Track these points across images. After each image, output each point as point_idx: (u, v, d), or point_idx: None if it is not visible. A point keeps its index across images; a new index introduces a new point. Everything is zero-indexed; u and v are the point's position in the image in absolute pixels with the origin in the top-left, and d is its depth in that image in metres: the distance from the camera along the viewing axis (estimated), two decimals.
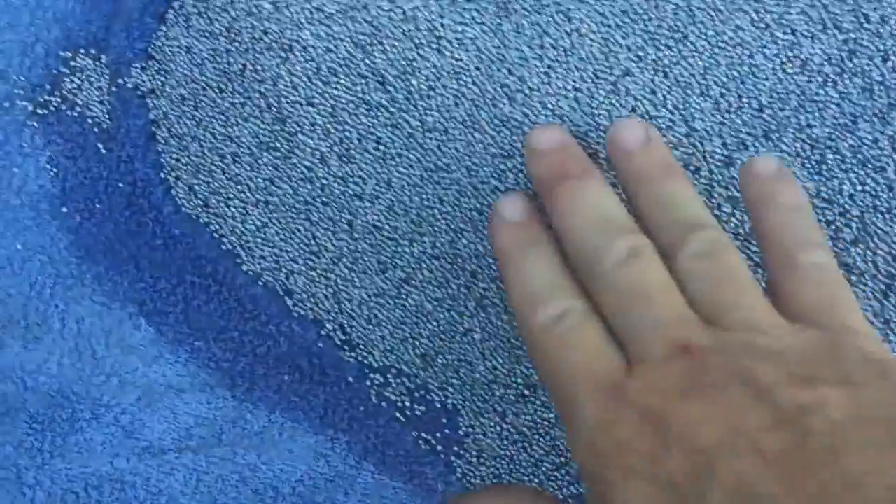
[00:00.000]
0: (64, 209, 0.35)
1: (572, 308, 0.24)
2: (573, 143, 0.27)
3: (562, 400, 0.23)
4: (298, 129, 0.32)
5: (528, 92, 0.31)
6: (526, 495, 0.25)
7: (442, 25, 0.31)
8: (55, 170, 0.35)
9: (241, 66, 0.32)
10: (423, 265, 0.33)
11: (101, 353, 0.33)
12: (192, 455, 0.33)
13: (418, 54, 0.31)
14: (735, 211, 0.31)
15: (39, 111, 0.35)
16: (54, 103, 0.35)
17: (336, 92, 0.31)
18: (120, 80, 0.34)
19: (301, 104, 0.32)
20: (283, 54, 0.31)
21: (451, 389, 0.33)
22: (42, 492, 0.32)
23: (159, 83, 0.34)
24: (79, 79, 0.35)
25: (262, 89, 0.32)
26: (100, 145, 0.35)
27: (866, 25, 0.29)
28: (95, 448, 0.32)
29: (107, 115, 0.35)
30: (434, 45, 0.31)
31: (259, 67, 0.32)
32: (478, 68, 0.31)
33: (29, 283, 0.34)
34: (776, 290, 0.24)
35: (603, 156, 0.30)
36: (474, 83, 0.31)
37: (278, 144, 0.32)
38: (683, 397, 0.20)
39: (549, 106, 0.31)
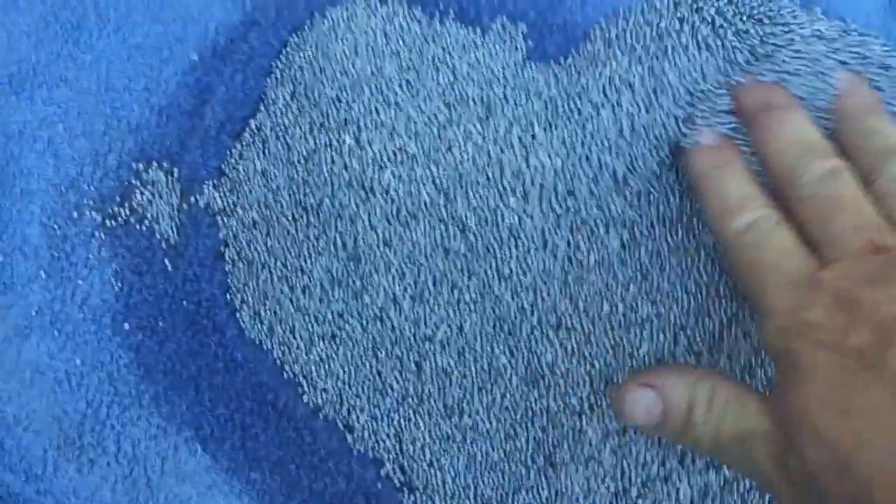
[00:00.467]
0: (126, 325, 0.34)
1: (765, 215, 0.27)
2: (777, 84, 0.30)
3: (757, 292, 0.26)
4: (373, 268, 0.31)
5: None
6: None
7: (528, 167, 0.30)
8: (120, 284, 0.34)
9: (318, 200, 0.31)
10: (492, 415, 0.31)
11: (156, 481, 0.33)
12: None
13: (502, 202, 0.30)
14: None
15: (108, 223, 0.34)
16: (123, 215, 0.34)
17: (415, 236, 0.30)
18: (192, 198, 0.34)
19: (378, 245, 0.31)
20: (363, 194, 0.31)
21: None
22: None
23: (231, 203, 0.33)
24: (150, 192, 0.34)
25: (340, 226, 0.31)
26: (167, 262, 0.34)
27: None
28: None
29: (175, 232, 0.34)
30: (519, 192, 0.30)
31: (337, 204, 0.31)
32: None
33: (86, 400, 0.33)
34: None
35: None
36: (556, 234, 0.30)
37: (351, 281, 0.31)
38: (873, 284, 0.23)
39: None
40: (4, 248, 0.34)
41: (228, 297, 0.34)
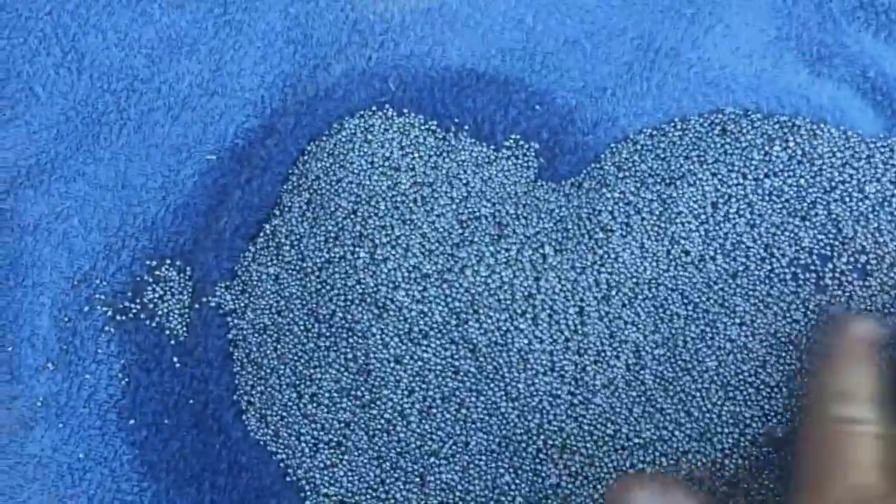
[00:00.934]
0: (132, 421, 0.34)
1: (869, 419, 0.26)
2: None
3: (818, 489, 0.25)
4: (382, 383, 0.31)
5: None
6: (679, 488, 0.27)
7: (538, 289, 0.31)
8: (127, 379, 0.34)
9: (330, 312, 0.32)
10: None
11: None
12: None
13: (512, 325, 0.31)
14: None
15: (118, 318, 0.34)
16: (133, 311, 0.34)
17: (426, 354, 0.31)
18: (203, 298, 0.34)
19: (389, 361, 0.31)
20: (376, 311, 0.31)
21: None
22: None
23: (242, 305, 0.34)
24: (161, 289, 0.34)
25: (351, 340, 0.31)
26: (175, 359, 0.34)
27: None
28: None
29: (185, 330, 0.34)
30: (529, 315, 0.31)
31: (350, 318, 0.31)
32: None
33: (87, 496, 0.34)
34: None
35: None
36: (564, 357, 0.31)
37: (360, 394, 0.32)
38: None
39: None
40: (13, 338, 0.34)
41: (235, 397, 0.34)
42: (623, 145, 0.34)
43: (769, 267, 0.31)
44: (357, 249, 0.32)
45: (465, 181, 0.33)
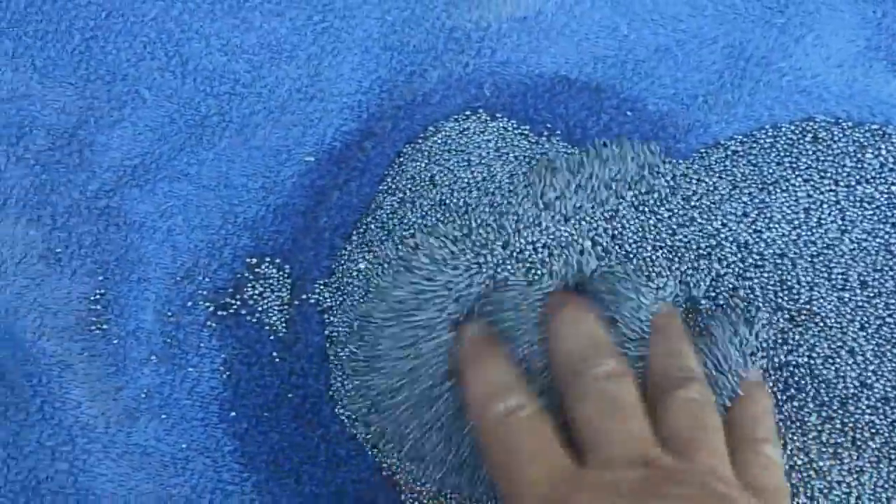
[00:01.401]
0: (233, 413, 0.35)
1: (528, 403, 0.28)
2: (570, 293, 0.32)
3: (511, 481, 0.26)
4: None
5: None
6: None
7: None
8: (228, 373, 0.35)
9: (413, 337, 0.32)
10: None
11: None
12: None
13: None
14: None
15: (219, 313, 0.36)
16: (234, 307, 0.36)
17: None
18: (303, 296, 0.35)
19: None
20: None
21: None
22: None
23: (337, 302, 0.35)
24: (262, 286, 0.36)
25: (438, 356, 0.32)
26: (275, 354, 0.35)
27: None
28: None
29: (284, 326, 0.35)
30: None
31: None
32: None
33: (190, 485, 0.35)
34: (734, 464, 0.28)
35: None
36: None
37: (448, 398, 0.33)
38: (636, 495, 0.24)
39: None
40: (119, 331, 0.35)
41: (332, 392, 0.35)
42: (714, 150, 0.34)
43: (860, 271, 0.32)
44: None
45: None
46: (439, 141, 0.35)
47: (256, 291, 0.36)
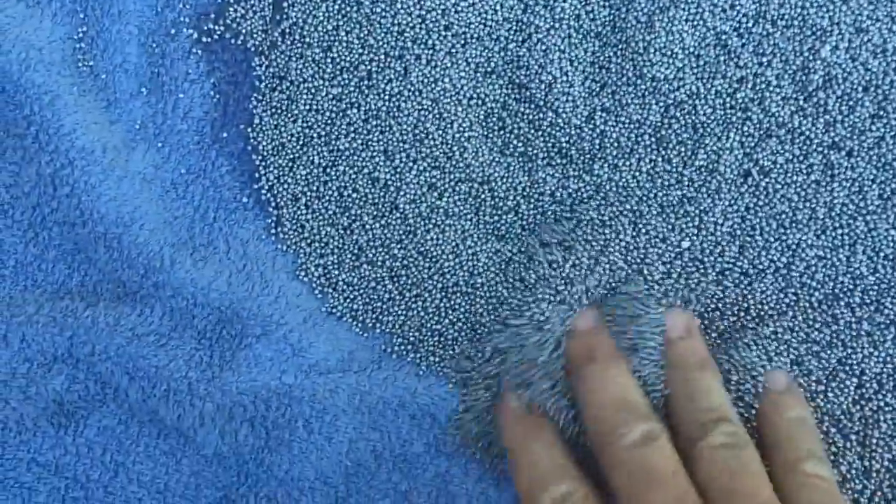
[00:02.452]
0: (224, 134, 0.35)
1: (575, 490, 0.27)
2: (604, 329, 0.30)
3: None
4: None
5: None
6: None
7: None
8: (218, 96, 0.35)
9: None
10: None
11: (269, 276, 0.34)
12: (355, 376, 0.34)
13: None
14: None
15: (204, 39, 0.35)
16: (218, 31, 0.35)
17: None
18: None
19: None
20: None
21: None
22: (211, 403, 0.33)
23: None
24: (243, 8, 0.35)
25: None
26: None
27: None
28: (264, 363, 0.33)
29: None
30: None
31: None
32: None
33: (193, 206, 0.35)
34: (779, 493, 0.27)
35: None
36: None
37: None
38: None
39: None
40: (106, 66, 0.35)
41: None
42: None
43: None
44: None
45: None
46: None
47: (238, 14, 0.35)
